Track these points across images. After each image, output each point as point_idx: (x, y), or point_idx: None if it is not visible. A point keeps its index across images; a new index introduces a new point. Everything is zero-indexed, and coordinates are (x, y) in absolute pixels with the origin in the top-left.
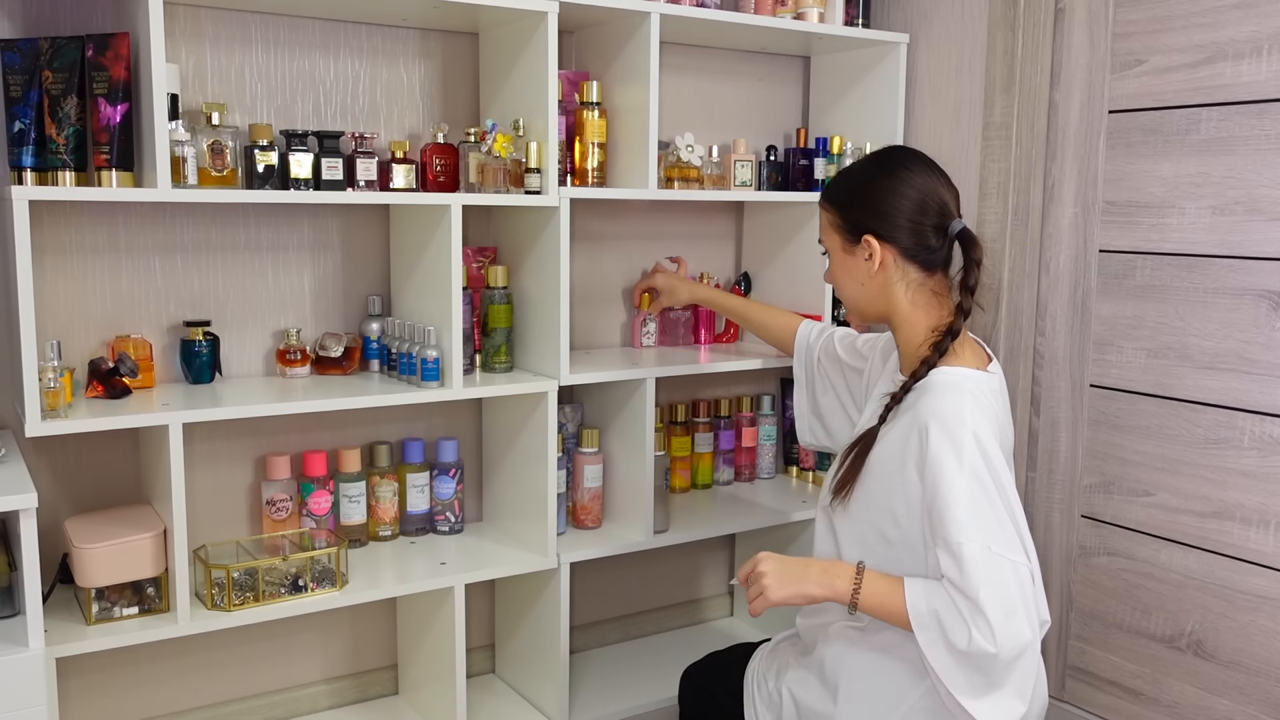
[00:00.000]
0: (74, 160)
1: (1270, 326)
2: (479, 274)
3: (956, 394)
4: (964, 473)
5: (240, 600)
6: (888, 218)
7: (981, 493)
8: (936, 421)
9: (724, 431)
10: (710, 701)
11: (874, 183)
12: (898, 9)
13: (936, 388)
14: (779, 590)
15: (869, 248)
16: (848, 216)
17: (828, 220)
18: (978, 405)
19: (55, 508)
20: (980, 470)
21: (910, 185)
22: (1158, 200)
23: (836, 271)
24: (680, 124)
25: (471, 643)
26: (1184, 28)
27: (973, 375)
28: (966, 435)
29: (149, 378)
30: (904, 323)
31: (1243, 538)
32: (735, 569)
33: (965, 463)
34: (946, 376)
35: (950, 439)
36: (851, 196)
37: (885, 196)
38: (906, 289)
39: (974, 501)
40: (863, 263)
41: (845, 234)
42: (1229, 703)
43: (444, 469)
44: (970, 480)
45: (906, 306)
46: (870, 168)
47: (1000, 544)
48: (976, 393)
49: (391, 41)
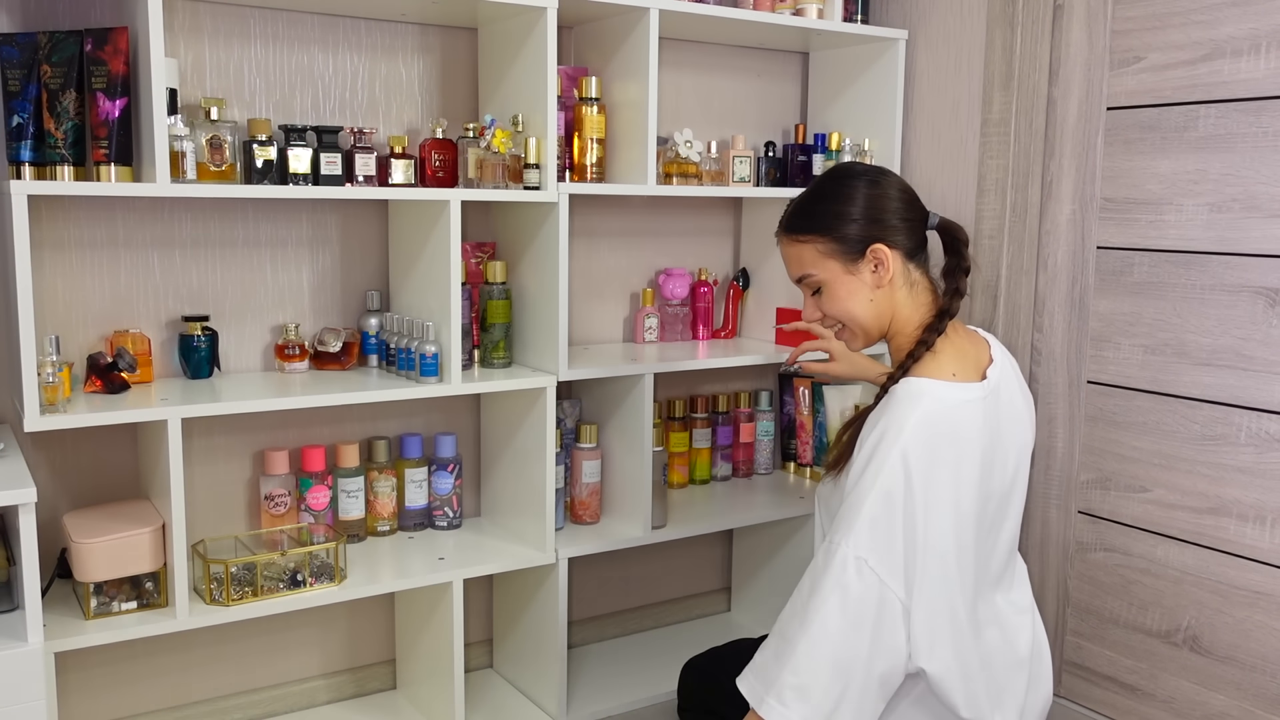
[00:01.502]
0: (73, 155)
1: (1267, 323)
2: (478, 269)
3: (909, 407)
4: (875, 490)
5: (239, 595)
6: (886, 222)
7: (884, 514)
8: (876, 432)
9: (722, 427)
10: (712, 692)
11: (858, 193)
12: (896, 5)
13: (898, 398)
14: None
15: (877, 257)
16: (843, 235)
17: (818, 250)
18: (928, 423)
19: (54, 502)
20: (894, 492)
21: (890, 185)
22: (1156, 197)
23: (840, 297)
24: (679, 120)
25: (470, 638)
26: (1182, 25)
27: (937, 388)
28: (894, 454)
29: (147, 373)
30: (901, 328)
31: (1239, 534)
32: (733, 566)
33: (879, 482)
34: (910, 387)
35: (878, 453)
36: (839, 216)
37: (877, 202)
38: (910, 291)
39: (874, 517)
40: (869, 276)
41: (844, 255)
42: (1225, 697)
43: (442, 464)
44: (880, 498)
45: (907, 311)
46: (844, 182)
47: (879, 563)
48: (932, 411)
49: (390, 36)
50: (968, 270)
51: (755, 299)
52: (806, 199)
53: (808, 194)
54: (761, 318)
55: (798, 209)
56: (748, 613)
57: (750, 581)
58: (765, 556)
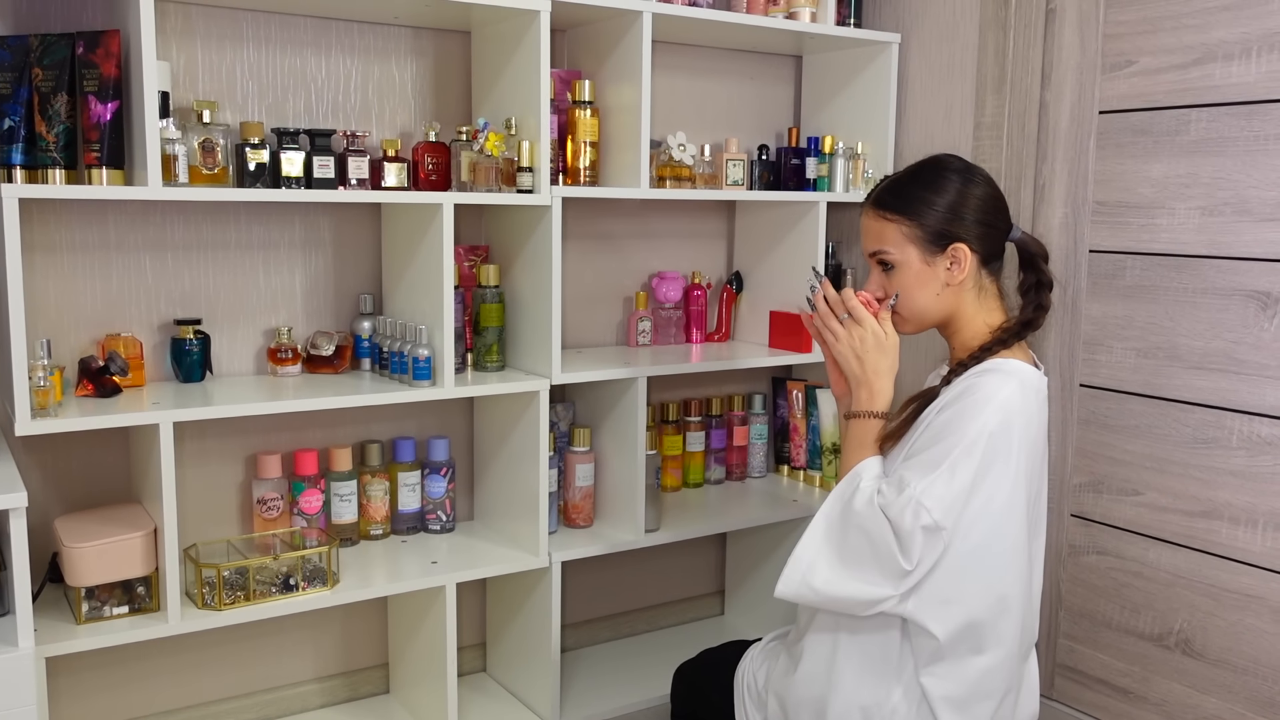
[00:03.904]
0: (64, 158)
1: (1258, 327)
2: (471, 272)
3: (1003, 378)
4: (967, 439)
5: (231, 599)
6: (971, 223)
7: (966, 465)
8: (972, 394)
9: (715, 430)
10: (702, 700)
11: (951, 187)
12: (889, 9)
13: (989, 370)
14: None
15: (955, 256)
16: (929, 226)
17: (902, 233)
18: (1023, 394)
19: (45, 507)
20: (981, 448)
21: (985, 187)
22: (1147, 201)
23: (909, 283)
24: (672, 123)
25: (462, 641)
26: (1174, 29)
27: (1027, 368)
28: (991, 410)
29: (139, 376)
30: (966, 325)
31: (1231, 537)
32: (726, 569)
33: (975, 433)
34: (1001, 364)
35: (977, 407)
36: (930, 205)
37: (968, 201)
38: (979, 295)
39: (955, 467)
40: (943, 272)
41: (925, 244)
42: (1217, 700)
43: (435, 468)
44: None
45: (970, 310)
46: (942, 173)
47: (943, 516)
48: (1024, 385)
49: (383, 39)
50: (1050, 286)
51: (748, 302)
52: (901, 179)
53: (903, 174)
54: (755, 321)
55: (890, 186)
56: (741, 616)
57: (744, 585)
58: (759, 560)
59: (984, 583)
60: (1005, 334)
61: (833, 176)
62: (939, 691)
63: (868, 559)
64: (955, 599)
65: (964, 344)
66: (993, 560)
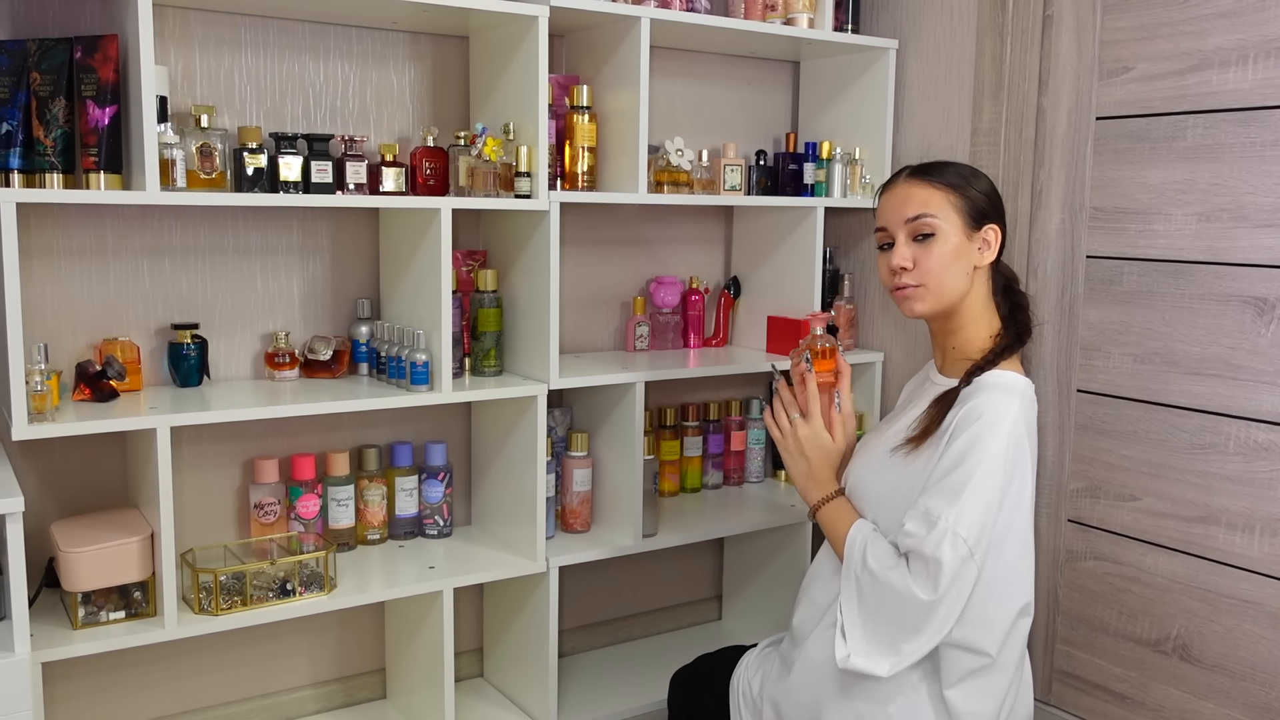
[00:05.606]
0: (62, 162)
1: (1255, 332)
2: (468, 277)
3: (1008, 396)
4: (981, 468)
5: (228, 604)
6: (1000, 216)
7: (995, 490)
8: (978, 418)
9: (713, 435)
10: (698, 705)
11: (985, 178)
12: (887, 15)
13: (992, 386)
14: (790, 454)
15: (988, 238)
16: (975, 203)
17: (952, 202)
18: (1024, 409)
19: (42, 511)
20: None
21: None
22: (1144, 206)
23: (946, 253)
24: (670, 128)
25: (460, 646)
26: (1171, 35)
27: (1022, 380)
28: (1000, 434)
29: (136, 381)
30: (972, 322)
31: (1228, 542)
32: (723, 574)
33: (985, 461)
34: (1002, 378)
35: (992, 428)
36: (972, 185)
37: (997, 197)
38: (986, 289)
39: (980, 489)
40: (974, 253)
41: (968, 217)
42: (1214, 706)
43: (433, 472)
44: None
45: (979, 307)
46: (974, 168)
47: (976, 543)
48: (1024, 400)
49: (382, 45)
50: (1026, 306)
51: (746, 307)
52: (940, 161)
53: (940, 160)
54: (752, 326)
55: (933, 164)
56: (739, 621)
57: (741, 590)
58: (756, 565)
59: (1014, 594)
60: (1007, 343)
61: (830, 182)
62: (967, 706)
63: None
64: (997, 617)
65: (965, 344)
66: (1019, 571)
